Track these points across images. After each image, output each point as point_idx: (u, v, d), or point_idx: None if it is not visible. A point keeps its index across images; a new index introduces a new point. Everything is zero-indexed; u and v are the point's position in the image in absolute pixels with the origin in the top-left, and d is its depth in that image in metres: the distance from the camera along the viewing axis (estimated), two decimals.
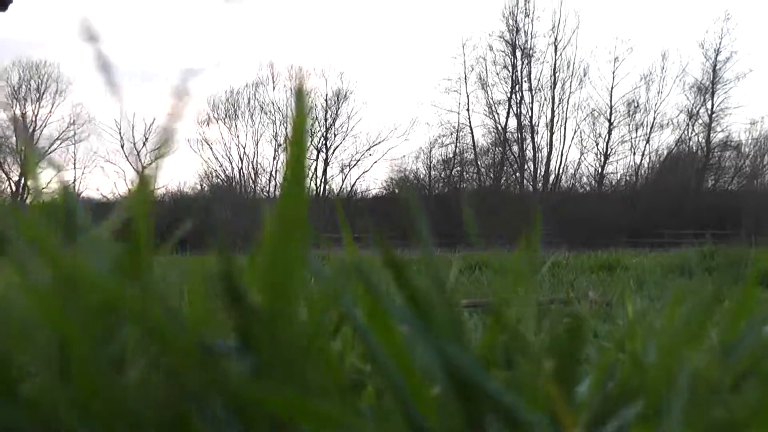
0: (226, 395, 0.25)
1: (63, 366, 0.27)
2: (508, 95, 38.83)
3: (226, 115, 37.84)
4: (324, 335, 0.27)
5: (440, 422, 0.30)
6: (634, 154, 37.89)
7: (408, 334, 0.33)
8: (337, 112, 38.13)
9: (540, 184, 37.98)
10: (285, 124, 35.62)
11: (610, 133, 37.86)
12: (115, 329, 0.28)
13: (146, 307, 0.24)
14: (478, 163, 38.53)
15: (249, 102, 37.48)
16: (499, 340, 0.30)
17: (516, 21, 38.66)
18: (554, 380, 0.31)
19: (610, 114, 37.88)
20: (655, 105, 37.87)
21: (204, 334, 0.25)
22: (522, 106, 38.56)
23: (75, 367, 0.24)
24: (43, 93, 36.98)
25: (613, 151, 38.04)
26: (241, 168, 37.58)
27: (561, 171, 38.20)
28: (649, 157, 37.83)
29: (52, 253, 0.24)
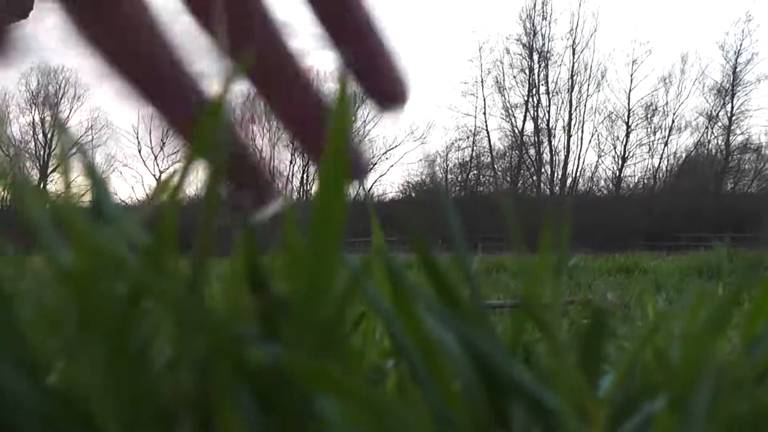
0: (252, 377, 0.25)
1: (89, 353, 0.28)
2: (525, 98, 38.83)
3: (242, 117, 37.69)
4: (347, 328, 0.27)
5: (465, 413, 0.30)
6: (652, 157, 37.81)
7: (434, 324, 0.33)
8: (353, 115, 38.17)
9: (557, 188, 37.91)
10: None
11: (627, 136, 37.79)
12: (143, 317, 0.28)
13: (176, 294, 0.24)
14: (495, 166, 38.52)
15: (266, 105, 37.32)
16: (526, 334, 0.30)
17: (533, 24, 38.67)
18: (580, 372, 0.31)
19: (628, 117, 37.82)
20: (674, 108, 37.79)
21: (234, 322, 0.25)
22: (539, 109, 38.55)
23: (102, 355, 0.24)
24: (61, 98, 37.18)
25: (631, 154, 37.98)
26: None
27: (578, 174, 38.15)
28: (668, 160, 37.73)
29: (83, 238, 0.24)
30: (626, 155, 37.69)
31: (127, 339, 0.23)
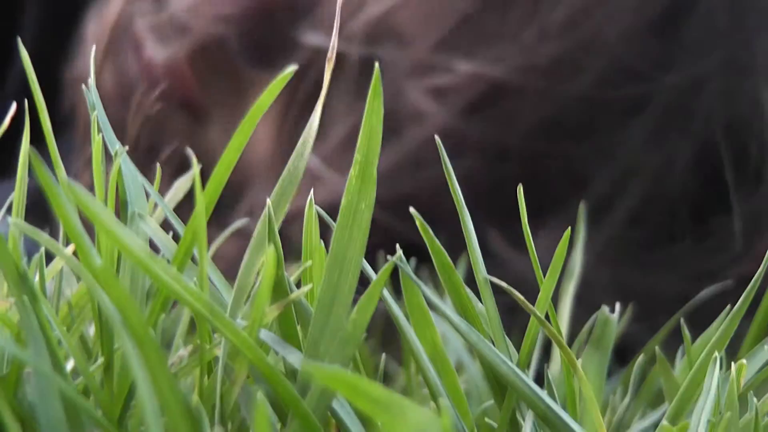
0: (270, 381, 0.26)
1: (110, 351, 0.28)
2: None
3: None
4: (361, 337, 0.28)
5: (476, 421, 0.31)
6: None
7: (449, 338, 0.34)
8: None
9: None
10: None
11: None
12: (165, 315, 0.28)
13: (200, 301, 0.24)
14: None
15: None
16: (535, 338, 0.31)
17: None
18: (586, 380, 0.31)
19: None
20: None
21: (255, 327, 0.25)
22: None
23: (126, 351, 0.25)
24: None
25: None
26: None
27: None
28: None
29: (109, 237, 0.25)
30: None
31: (149, 337, 0.24)
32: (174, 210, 0.34)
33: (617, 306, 0.38)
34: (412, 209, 0.29)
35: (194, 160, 0.27)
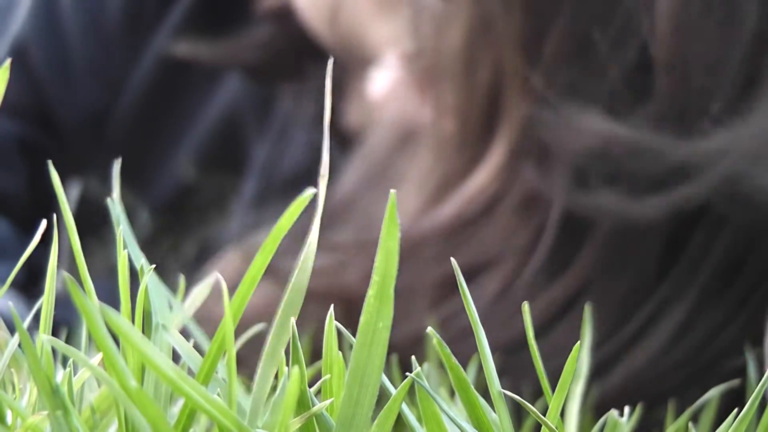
0: None
1: None
2: None
3: None
4: None
5: None
6: None
7: None
8: None
9: None
10: None
11: None
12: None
13: (227, 416, 0.26)
14: None
15: None
16: None
17: None
18: None
19: None
20: None
21: None
22: None
23: None
24: None
25: None
26: None
27: None
28: None
29: (137, 353, 0.26)
30: None
31: None
32: None
33: (626, 409, 0.39)
34: (430, 329, 0.30)
35: (219, 275, 0.28)
